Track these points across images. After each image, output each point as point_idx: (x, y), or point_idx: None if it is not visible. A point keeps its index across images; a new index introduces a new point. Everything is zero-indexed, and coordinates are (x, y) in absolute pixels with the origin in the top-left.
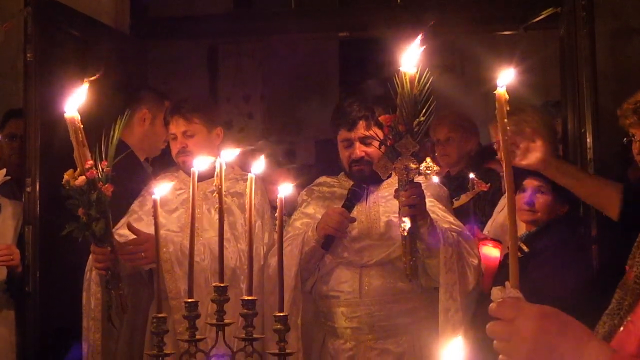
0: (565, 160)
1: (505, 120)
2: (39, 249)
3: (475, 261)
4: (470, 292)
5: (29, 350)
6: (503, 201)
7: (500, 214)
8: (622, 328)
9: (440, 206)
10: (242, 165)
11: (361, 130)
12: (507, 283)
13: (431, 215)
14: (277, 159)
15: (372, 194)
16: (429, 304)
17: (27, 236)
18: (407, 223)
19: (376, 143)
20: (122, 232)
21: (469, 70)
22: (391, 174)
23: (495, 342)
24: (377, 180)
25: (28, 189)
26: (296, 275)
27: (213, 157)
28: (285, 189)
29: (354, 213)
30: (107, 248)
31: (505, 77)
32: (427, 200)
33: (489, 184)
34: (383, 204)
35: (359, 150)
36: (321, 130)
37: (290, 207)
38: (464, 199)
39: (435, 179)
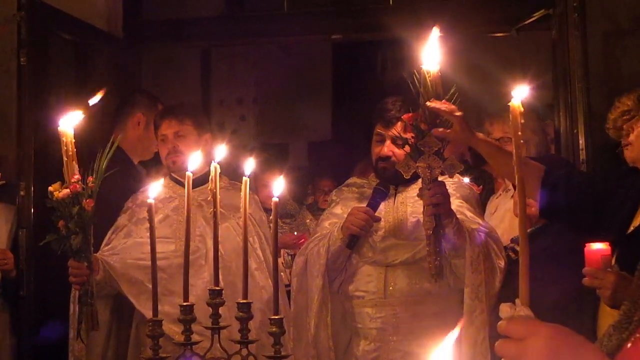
0: (488, 140)
1: (520, 132)
2: (33, 253)
3: (502, 263)
4: (496, 294)
5: (23, 354)
6: (495, 202)
7: (493, 216)
8: (629, 344)
9: (469, 207)
10: (230, 174)
11: (396, 130)
12: (517, 300)
13: (459, 216)
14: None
15: (401, 194)
16: (456, 307)
17: (21, 240)
18: (431, 222)
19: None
20: (110, 247)
21: (460, 72)
22: (415, 173)
23: None
24: (406, 181)
25: (22, 193)
26: (323, 275)
27: (203, 157)
28: (279, 190)
29: (382, 213)
30: (84, 263)
31: (521, 91)
32: (456, 201)
33: (481, 186)
34: (411, 205)
35: (388, 148)
36: (314, 132)
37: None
38: None
39: (467, 180)
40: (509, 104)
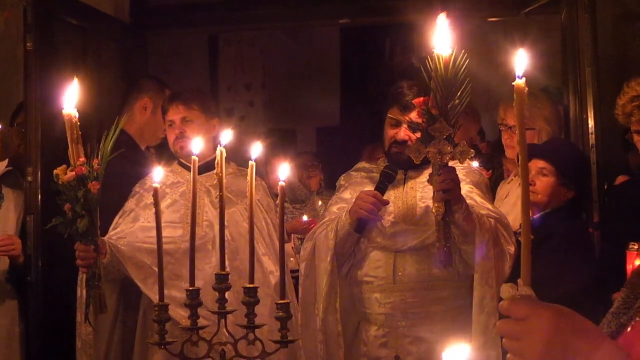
0: None
1: (524, 114)
2: (41, 239)
3: (512, 249)
4: (505, 280)
5: (32, 340)
6: (505, 188)
7: (504, 201)
8: (629, 328)
9: (479, 193)
10: (238, 161)
11: (413, 115)
12: (519, 280)
13: (469, 201)
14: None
15: (411, 180)
16: (465, 292)
17: (28, 226)
18: (440, 208)
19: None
20: (117, 231)
21: (469, 56)
22: (425, 158)
23: (504, 340)
24: (416, 166)
25: (29, 179)
26: (332, 259)
27: (209, 143)
28: (285, 175)
29: (392, 198)
30: (90, 246)
31: (522, 66)
32: (466, 186)
33: (490, 171)
34: (421, 190)
35: (404, 132)
36: (322, 118)
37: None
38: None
39: (475, 164)
40: (513, 83)
